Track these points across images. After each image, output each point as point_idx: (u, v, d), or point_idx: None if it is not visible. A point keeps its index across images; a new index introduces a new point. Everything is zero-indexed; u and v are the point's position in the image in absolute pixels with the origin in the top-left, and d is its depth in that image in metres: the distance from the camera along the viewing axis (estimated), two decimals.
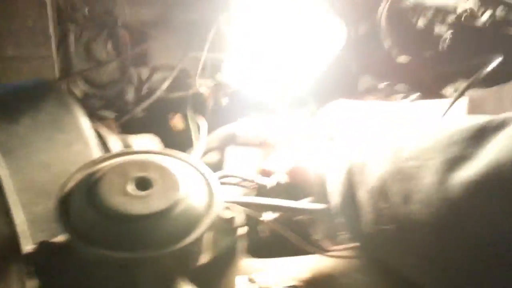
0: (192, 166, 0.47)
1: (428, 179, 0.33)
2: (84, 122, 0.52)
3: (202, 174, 0.46)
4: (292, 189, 0.62)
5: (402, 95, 1.00)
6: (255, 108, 0.84)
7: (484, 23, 0.85)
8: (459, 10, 0.94)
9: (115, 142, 0.57)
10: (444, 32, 0.95)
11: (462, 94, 0.55)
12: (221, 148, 0.77)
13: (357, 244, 0.53)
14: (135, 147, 0.59)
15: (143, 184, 0.41)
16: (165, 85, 0.92)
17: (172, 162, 0.45)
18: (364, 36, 1.04)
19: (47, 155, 0.47)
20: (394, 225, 0.36)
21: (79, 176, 0.42)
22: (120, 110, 0.90)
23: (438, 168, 0.33)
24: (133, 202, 0.39)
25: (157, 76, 0.97)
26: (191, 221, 0.40)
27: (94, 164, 0.43)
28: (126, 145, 0.59)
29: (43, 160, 0.46)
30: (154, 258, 0.37)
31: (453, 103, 0.55)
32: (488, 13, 0.86)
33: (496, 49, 0.73)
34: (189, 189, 0.42)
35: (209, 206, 0.42)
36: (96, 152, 0.51)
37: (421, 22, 0.97)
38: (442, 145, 0.34)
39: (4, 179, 0.43)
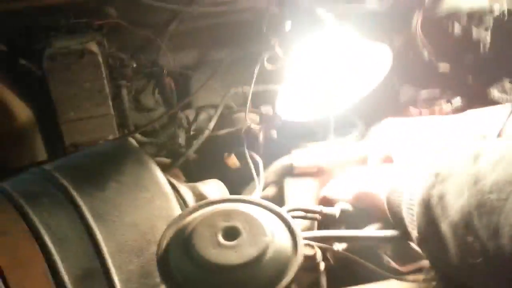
0: (266, 208, 0.49)
1: None
2: (161, 177, 0.55)
3: (278, 215, 0.48)
4: (355, 216, 0.63)
5: (443, 100, 1.00)
6: (306, 138, 0.85)
7: None
8: (496, 13, 0.94)
9: (186, 191, 0.60)
10: (482, 35, 0.95)
11: None
12: (277, 181, 0.79)
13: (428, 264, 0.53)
14: (206, 194, 0.62)
15: (232, 233, 0.43)
16: (212, 122, 0.94)
17: (250, 207, 0.48)
18: (401, 48, 1.05)
19: (134, 215, 0.50)
20: (483, 259, 0.36)
21: (171, 232, 0.45)
22: (172, 154, 0.94)
23: None
24: (226, 253, 0.41)
25: (203, 116, 1.01)
26: (281, 264, 0.42)
27: (182, 219, 0.46)
28: (196, 193, 0.61)
29: (131, 220, 0.50)
30: None
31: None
32: None
33: None
34: (273, 233, 0.44)
35: (294, 247, 0.44)
36: (175, 204, 0.54)
37: (457, 29, 0.98)
38: None
39: (100, 244, 0.46)
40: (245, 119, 0.85)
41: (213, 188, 0.65)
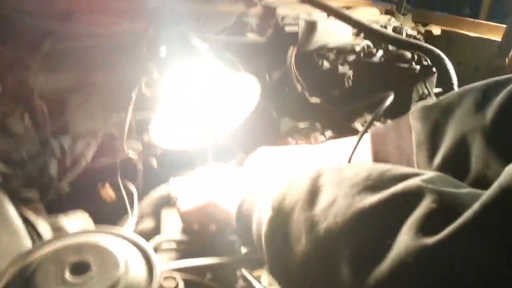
0: (127, 239, 0.47)
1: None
2: (10, 210, 0.50)
3: (138, 246, 0.47)
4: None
5: (318, 132, 1.08)
6: (185, 166, 0.86)
7: (380, 58, 0.96)
8: (358, 49, 1.05)
9: (43, 226, 0.56)
10: (347, 71, 1.06)
11: (364, 132, 0.61)
12: (155, 212, 0.77)
13: None
14: (66, 228, 0.58)
15: (81, 268, 0.41)
16: (90, 153, 0.90)
17: (107, 238, 0.46)
18: (278, 82, 1.12)
19: None
20: None
21: (12, 271, 0.41)
22: (44, 188, 0.87)
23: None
24: None
25: (80, 144, 0.95)
26: None
27: (27, 256, 0.43)
28: (56, 228, 0.57)
29: None
30: None
31: (358, 142, 0.61)
32: (381, 50, 0.98)
33: (390, 84, 0.82)
34: (128, 265, 0.42)
35: (150, 278, 0.43)
36: (26, 241, 0.50)
37: (326, 64, 1.07)
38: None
39: None
40: (123, 147, 0.82)
41: (76, 221, 0.61)
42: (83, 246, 0.43)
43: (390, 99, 0.66)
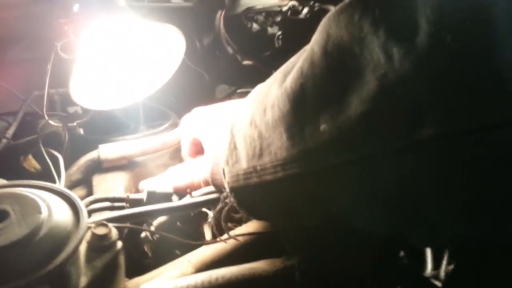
0: (49, 189, 0.45)
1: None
2: None
3: (61, 194, 0.44)
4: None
5: None
6: (116, 132, 0.82)
7: (306, 15, 0.97)
8: (284, 9, 1.06)
9: None
10: (276, 31, 1.06)
11: None
12: (85, 179, 0.74)
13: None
14: None
15: None
16: (10, 131, 0.84)
17: (27, 189, 0.43)
18: (209, 46, 1.10)
19: None
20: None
21: None
22: None
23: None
24: None
25: (1, 124, 0.89)
26: (60, 240, 0.38)
27: None
28: None
29: None
30: (25, 286, 0.35)
31: None
32: (307, 8, 1.00)
33: None
34: (51, 210, 0.40)
35: (77, 222, 0.41)
36: None
37: (255, 26, 1.07)
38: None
39: None
40: (44, 117, 0.77)
41: None
42: (1, 196, 0.40)
43: None
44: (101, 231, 0.46)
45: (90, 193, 0.72)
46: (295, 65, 0.37)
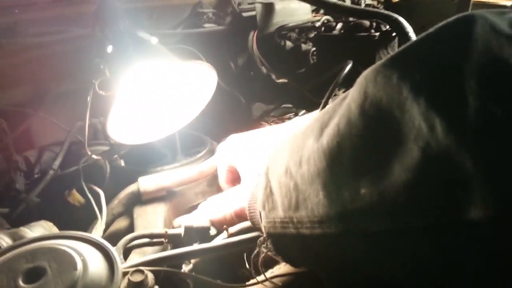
0: (84, 240, 0.45)
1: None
2: None
3: (96, 245, 0.45)
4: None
5: (292, 114, 1.07)
6: (153, 160, 0.84)
7: (340, 30, 0.95)
8: (317, 24, 1.04)
9: (4, 239, 0.53)
10: (310, 47, 1.04)
11: (327, 100, 0.60)
12: (127, 211, 0.75)
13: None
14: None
15: (35, 274, 0.39)
16: (56, 162, 0.88)
17: (63, 242, 0.44)
18: (243, 68, 1.10)
19: None
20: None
21: None
22: (13, 204, 0.84)
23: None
24: None
25: (46, 156, 0.93)
26: None
27: None
28: (17, 239, 0.55)
29: None
30: None
31: (321, 109, 0.60)
32: (341, 23, 0.97)
33: (352, 54, 0.81)
34: (87, 264, 0.40)
35: (111, 275, 0.41)
36: None
37: (288, 43, 1.06)
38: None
39: None
40: (85, 150, 0.80)
41: (39, 230, 0.58)
42: (37, 251, 0.41)
43: (348, 67, 0.65)
44: (137, 278, 0.46)
45: (131, 224, 0.73)
46: (332, 119, 0.36)
